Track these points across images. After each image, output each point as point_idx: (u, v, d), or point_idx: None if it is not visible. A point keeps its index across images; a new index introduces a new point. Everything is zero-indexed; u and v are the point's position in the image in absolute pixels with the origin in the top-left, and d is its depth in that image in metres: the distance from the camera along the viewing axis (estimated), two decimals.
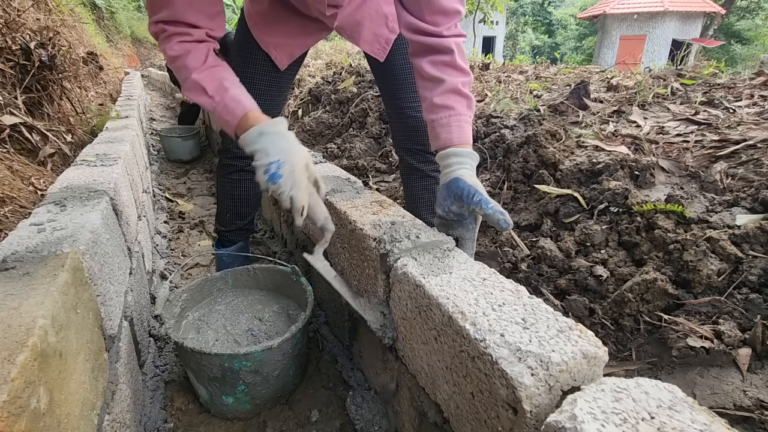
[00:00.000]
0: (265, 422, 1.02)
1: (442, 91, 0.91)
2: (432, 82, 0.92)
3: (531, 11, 28.69)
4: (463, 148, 0.89)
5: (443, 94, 0.91)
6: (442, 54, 0.92)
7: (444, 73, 0.91)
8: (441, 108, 0.91)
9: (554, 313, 0.60)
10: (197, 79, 0.88)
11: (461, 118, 0.91)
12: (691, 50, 6.70)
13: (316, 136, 3.03)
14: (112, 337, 0.82)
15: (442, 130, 0.90)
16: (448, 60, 0.91)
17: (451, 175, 0.86)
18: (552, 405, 0.49)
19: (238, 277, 1.29)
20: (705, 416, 0.42)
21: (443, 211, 0.87)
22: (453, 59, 0.92)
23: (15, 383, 0.42)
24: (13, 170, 1.24)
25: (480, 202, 0.80)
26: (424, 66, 0.92)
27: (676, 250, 1.13)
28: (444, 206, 0.86)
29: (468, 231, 0.87)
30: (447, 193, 0.86)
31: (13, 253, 0.68)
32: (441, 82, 0.91)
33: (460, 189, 0.83)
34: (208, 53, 0.91)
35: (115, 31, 9.63)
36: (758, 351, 0.91)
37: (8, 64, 1.58)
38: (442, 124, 0.90)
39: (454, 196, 0.84)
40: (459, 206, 0.84)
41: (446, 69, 0.91)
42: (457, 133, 0.90)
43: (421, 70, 0.93)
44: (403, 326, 0.79)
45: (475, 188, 0.82)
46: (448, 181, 0.86)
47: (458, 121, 0.90)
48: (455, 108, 0.90)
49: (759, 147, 1.44)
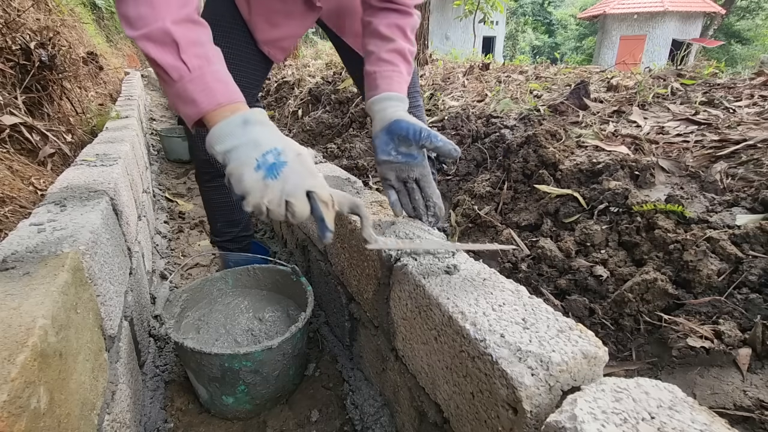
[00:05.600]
0: (265, 422, 1.02)
1: (390, 49, 0.93)
2: (383, 39, 0.94)
3: (531, 11, 28.69)
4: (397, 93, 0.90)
5: (391, 52, 0.92)
6: (400, 18, 0.94)
7: (396, 35, 0.93)
8: (386, 62, 0.92)
9: (554, 313, 0.60)
10: (171, 30, 0.63)
11: (402, 77, 0.92)
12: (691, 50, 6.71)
13: (316, 136, 3.03)
14: (112, 337, 0.81)
15: (383, 81, 0.90)
16: (403, 25, 0.94)
17: (391, 117, 0.85)
18: (552, 405, 0.49)
19: (238, 277, 1.29)
20: (705, 416, 0.42)
21: (388, 155, 0.86)
22: (406, 26, 0.95)
23: (15, 383, 0.42)
24: (13, 170, 1.24)
25: (429, 136, 0.80)
26: (380, 25, 0.94)
27: (676, 250, 1.13)
28: (387, 150, 0.85)
29: (425, 167, 0.87)
30: (389, 137, 0.85)
31: (13, 253, 0.68)
32: (392, 41, 0.93)
33: (404, 129, 0.82)
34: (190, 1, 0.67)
35: (115, 31, 9.62)
36: (758, 351, 0.91)
37: (8, 64, 1.58)
38: (384, 76, 0.91)
39: (398, 138, 0.84)
40: (407, 146, 0.84)
41: (398, 33, 0.94)
42: (397, 86, 0.90)
43: (376, 29, 0.94)
44: (403, 326, 0.79)
45: (418, 125, 0.82)
46: (387, 125, 0.85)
47: (399, 77, 0.91)
48: (399, 66, 0.92)
49: (759, 147, 1.44)
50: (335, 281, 1.18)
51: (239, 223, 1.39)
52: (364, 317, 1.02)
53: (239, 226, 1.39)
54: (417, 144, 0.82)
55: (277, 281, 1.29)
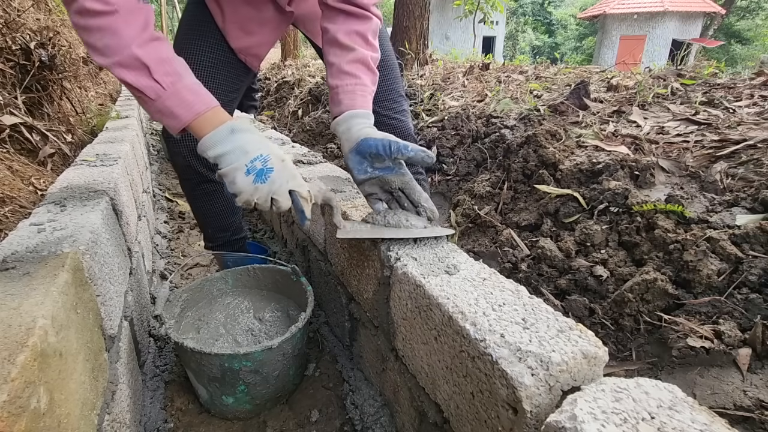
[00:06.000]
0: (265, 422, 1.02)
1: (352, 60, 0.91)
2: (343, 49, 0.92)
3: (531, 11, 28.69)
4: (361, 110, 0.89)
5: (353, 62, 0.91)
6: (359, 23, 0.92)
7: (356, 43, 0.91)
8: (348, 75, 0.90)
9: (554, 313, 0.60)
10: (139, 55, 0.69)
11: (366, 89, 0.91)
12: (691, 50, 6.71)
13: (316, 136, 3.04)
14: (112, 337, 0.82)
15: (346, 96, 0.89)
16: (362, 31, 0.92)
17: (357, 137, 0.84)
18: (552, 405, 0.49)
19: (238, 277, 1.29)
20: (705, 416, 0.42)
21: (365, 173, 0.85)
22: (366, 31, 0.92)
23: (15, 383, 0.42)
24: (13, 170, 1.24)
25: (399, 149, 0.80)
26: (338, 33, 0.92)
27: (676, 250, 1.13)
28: (363, 169, 0.85)
29: (405, 175, 0.85)
30: (360, 157, 0.84)
31: (13, 253, 0.68)
32: (352, 50, 0.91)
33: (372, 146, 0.82)
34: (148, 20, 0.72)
35: None
36: (758, 351, 0.91)
37: (8, 64, 1.58)
38: (347, 91, 0.89)
39: (369, 156, 0.83)
40: (380, 161, 0.83)
41: (358, 40, 0.92)
42: (361, 101, 0.89)
43: (334, 38, 0.92)
44: (403, 326, 0.79)
45: (387, 139, 0.81)
46: (355, 145, 0.84)
47: (363, 91, 0.90)
48: (361, 78, 0.91)
49: (759, 147, 1.45)
50: (335, 281, 1.18)
51: (230, 227, 1.37)
52: (364, 317, 1.02)
53: (230, 230, 1.38)
54: (390, 158, 0.82)
55: (277, 281, 1.29)
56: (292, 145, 1.74)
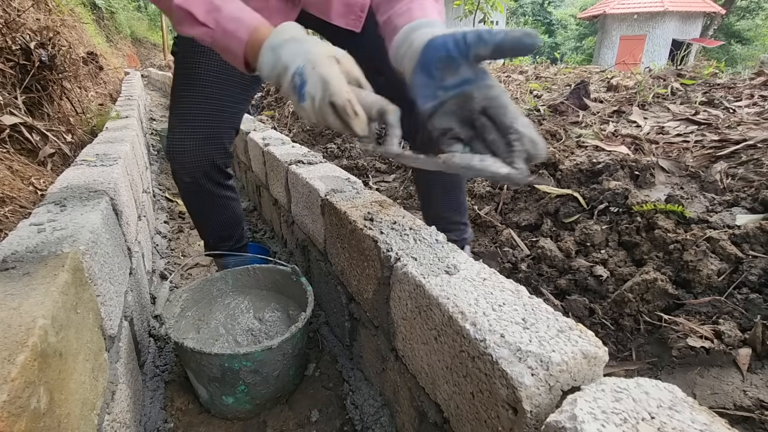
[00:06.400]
0: (265, 422, 1.02)
1: None
2: None
3: (531, 11, 28.70)
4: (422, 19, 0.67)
5: None
6: None
7: None
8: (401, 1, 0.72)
9: (554, 313, 0.60)
10: (181, 4, 0.65)
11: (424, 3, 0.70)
12: (691, 50, 6.71)
13: (316, 136, 3.04)
14: (112, 337, 0.82)
15: (400, 18, 0.69)
16: None
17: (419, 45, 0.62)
18: (552, 405, 0.49)
19: (238, 277, 1.29)
20: (705, 416, 0.42)
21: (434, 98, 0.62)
22: None
23: (15, 383, 0.42)
24: (13, 170, 1.24)
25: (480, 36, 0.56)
26: None
27: (676, 250, 1.13)
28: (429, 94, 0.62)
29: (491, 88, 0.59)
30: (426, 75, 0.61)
31: (13, 253, 0.68)
32: None
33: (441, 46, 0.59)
34: None
35: (115, 31, 9.63)
36: (758, 351, 0.91)
37: (8, 64, 1.58)
38: (400, 13, 0.70)
39: (437, 66, 0.60)
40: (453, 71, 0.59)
41: None
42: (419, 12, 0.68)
43: None
44: (403, 326, 0.79)
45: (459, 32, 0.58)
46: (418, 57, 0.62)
47: (421, 3, 0.70)
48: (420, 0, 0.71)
49: (759, 147, 1.45)
50: (335, 281, 1.18)
51: (232, 237, 1.34)
52: (364, 317, 1.02)
53: (232, 240, 1.34)
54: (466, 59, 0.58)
55: (277, 281, 1.29)
56: (292, 145, 1.74)
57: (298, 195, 1.39)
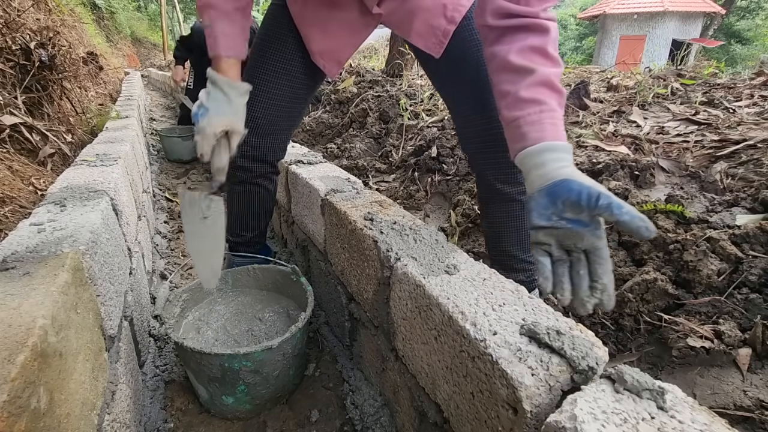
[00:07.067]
0: (265, 422, 1.02)
1: (531, 83, 0.74)
2: (518, 73, 0.76)
3: None
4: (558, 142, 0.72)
5: (532, 86, 0.74)
6: (534, 36, 0.76)
7: (533, 62, 0.75)
8: (530, 103, 0.74)
9: (554, 313, 0.60)
10: None
11: (555, 115, 0.74)
12: (691, 50, 6.71)
13: (316, 136, 3.04)
14: (112, 337, 0.82)
15: (532, 128, 0.73)
16: (539, 45, 0.76)
17: (554, 176, 0.67)
18: (552, 405, 0.49)
19: (238, 277, 1.29)
20: (705, 416, 0.42)
21: (548, 220, 0.67)
22: (545, 44, 0.76)
23: (15, 383, 0.42)
24: (13, 170, 1.24)
25: (610, 206, 0.61)
26: (510, 55, 0.76)
27: (676, 250, 1.13)
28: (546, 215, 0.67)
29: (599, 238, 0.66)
30: (549, 201, 0.67)
31: (13, 253, 0.68)
32: (530, 72, 0.75)
33: (574, 192, 0.64)
34: None
35: (115, 31, 9.63)
36: (758, 351, 0.91)
37: (8, 64, 1.58)
38: (532, 121, 0.73)
39: (563, 202, 0.66)
40: (576, 212, 0.66)
41: (536, 57, 0.76)
42: (551, 131, 0.72)
43: (505, 61, 0.77)
44: (403, 326, 0.79)
45: (595, 189, 0.64)
46: (548, 185, 0.68)
47: (552, 117, 0.73)
48: (547, 103, 0.74)
49: (759, 147, 1.45)
50: (335, 281, 1.18)
51: (255, 228, 1.34)
52: (364, 317, 1.02)
53: (254, 231, 1.34)
54: (590, 213, 0.64)
55: (277, 281, 1.29)
56: (292, 145, 1.74)
57: (298, 195, 1.39)
